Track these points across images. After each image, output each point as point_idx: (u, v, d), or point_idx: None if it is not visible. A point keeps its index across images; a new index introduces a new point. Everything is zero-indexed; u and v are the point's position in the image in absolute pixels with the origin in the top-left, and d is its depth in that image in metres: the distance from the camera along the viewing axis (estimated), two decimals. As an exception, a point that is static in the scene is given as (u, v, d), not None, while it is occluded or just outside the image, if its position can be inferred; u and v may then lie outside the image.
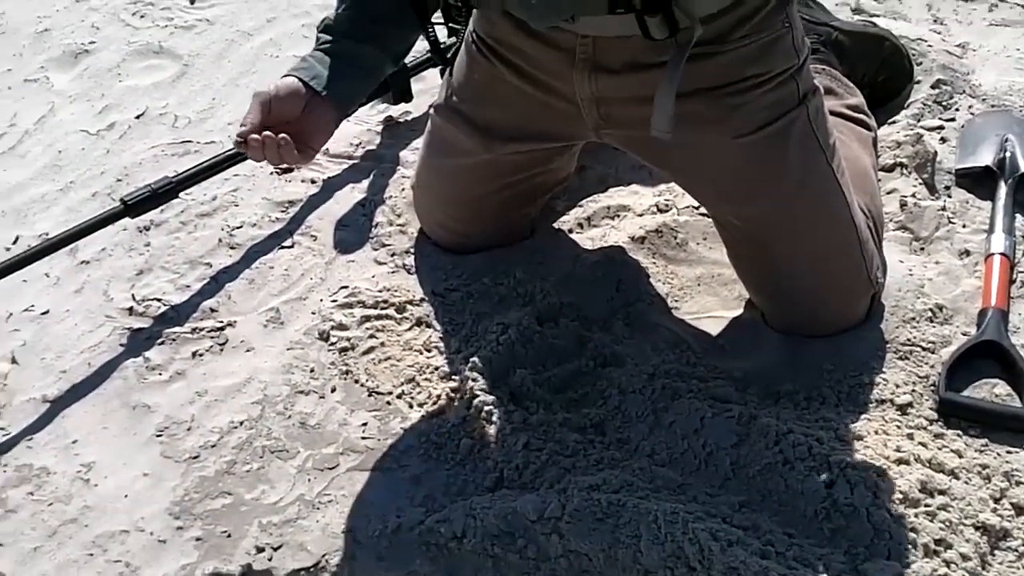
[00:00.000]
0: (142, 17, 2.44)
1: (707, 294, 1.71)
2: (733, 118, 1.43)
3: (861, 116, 1.75)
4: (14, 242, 1.94)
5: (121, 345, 1.74)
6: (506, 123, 1.59)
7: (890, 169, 1.85)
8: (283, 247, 1.87)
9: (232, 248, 1.87)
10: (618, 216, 1.83)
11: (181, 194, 1.83)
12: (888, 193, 1.80)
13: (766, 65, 1.40)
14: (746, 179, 1.48)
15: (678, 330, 1.66)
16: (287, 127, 1.31)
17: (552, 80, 1.48)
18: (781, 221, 1.51)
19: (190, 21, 2.40)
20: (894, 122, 1.94)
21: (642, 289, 1.71)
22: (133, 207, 1.74)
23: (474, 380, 1.58)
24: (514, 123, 1.58)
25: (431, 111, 1.71)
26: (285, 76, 1.36)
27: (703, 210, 1.77)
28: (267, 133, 1.29)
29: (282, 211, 1.93)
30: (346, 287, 1.78)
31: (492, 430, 1.53)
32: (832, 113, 1.61)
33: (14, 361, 1.73)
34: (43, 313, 1.81)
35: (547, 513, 1.38)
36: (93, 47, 2.38)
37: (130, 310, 1.79)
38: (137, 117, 2.18)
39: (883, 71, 1.92)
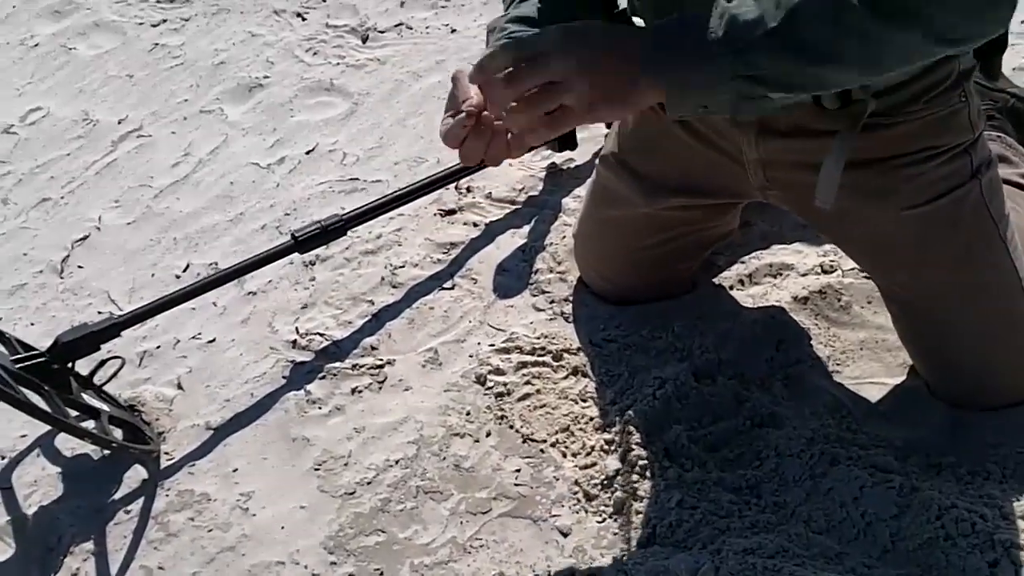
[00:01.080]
0: (315, 54, 2.52)
1: (870, 359, 1.67)
2: (903, 190, 1.40)
3: (1033, 182, 1.69)
4: (185, 270, 2.03)
5: (283, 377, 1.79)
6: (671, 177, 1.59)
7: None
8: (443, 288, 1.90)
9: (394, 287, 1.91)
10: (780, 275, 1.81)
11: (347, 231, 1.87)
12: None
13: (940, 139, 1.37)
14: (913, 252, 1.45)
15: (838, 394, 1.62)
16: None
17: (719, 139, 1.48)
18: (948, 293, 1.46)
19: (361, 60, 2.47)
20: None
21: (803, 351, 1.68)
22: (302, 243, 1.80)
23: (629, 433, 1.58)
24: (679, 177, 1.58)
25: (597, 161, 1.72)
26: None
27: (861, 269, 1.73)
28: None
29: (444, 252, 1.97)
30: (504, 331, 1.80)
31: (646, 485, 1.52)
32: (1005, 182, 1.56)
33: (180, 387, 1.81)
34: (210, 342, 1.88)
35: (700, 573, 1.36)
36: (267, 82, 2.47)
37: (293, 343, 1.84)
38: (307, 153, 2.25)
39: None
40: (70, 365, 1.65)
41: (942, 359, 1.54)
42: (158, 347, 1.88)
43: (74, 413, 1.64)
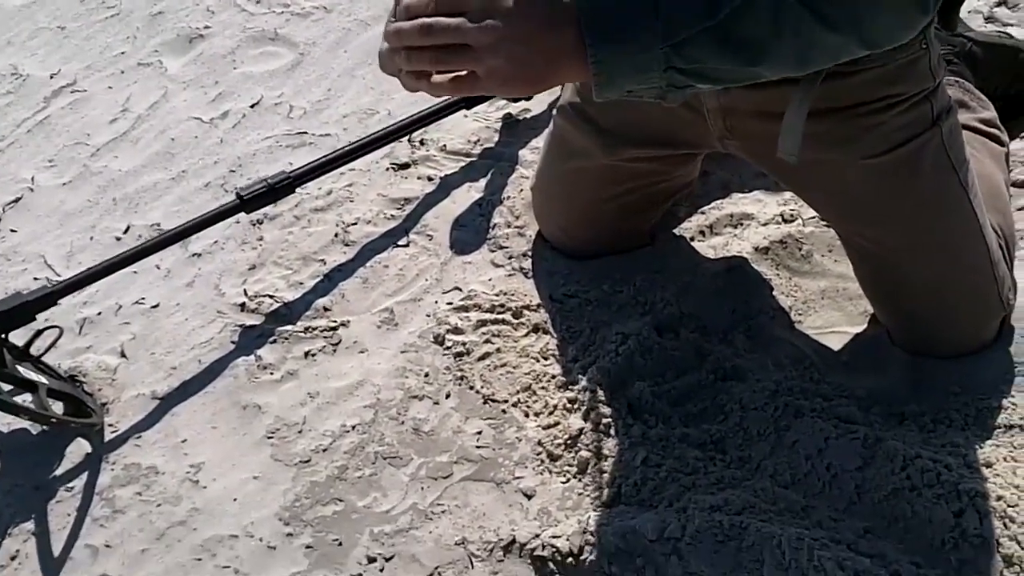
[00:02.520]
0: (258, 2, 2.43)
1: (831, 308, 1.65)
2: (863, 139, 1.36)
3: (994, 130, 1.66)
4: (125, 231, 1.95)
5: (232, 342, 1.73)
6: (631, 128, 1.54)
7: (1022, 185, 1.75)
8: (398, 245, 1.84)
9: (346, 245, 1.85)
10: (741, 225, 1.77)
11: (296, 189, 1.80)
12: (1020, 210, 1.71)
13: (901, 87, 1.33)
14: (874, 200, 1.41)
15: (801, 345, 1.59)
16: None
17: None
18: (910, 242, 1.43)
19: (307, 8, 2.39)
20: (1030, 134, 1.85)
21: (764, 301, 1.65)
22: (249, 202, 1.73)
23: (592, 391, 1.54)
24: (639, 128, 1.53)
25: (553, 112, 1.66)
26: None
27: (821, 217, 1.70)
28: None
29: (398, 208, 1.90)
30: (461, 289, 1.75)
31: (610, 444, 1.49)
32: (964, 127, 1.53)
33: (123, 355, 1.74)
34: (153, 306, 1.81)
35: (667, 533, 1.34)
36: (208, 32, 2.38)
37: (242, 306, 1.78)
38: (252, 106, 2.17)
39: (1017, 83, 1.82)
40: (3, 337, 1.58)
41: (903, 308, 1.51)
42: (99, 313, 1.81)
43: (8, 388, 1.57)
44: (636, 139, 1.53)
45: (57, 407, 1.61)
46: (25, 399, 1.56)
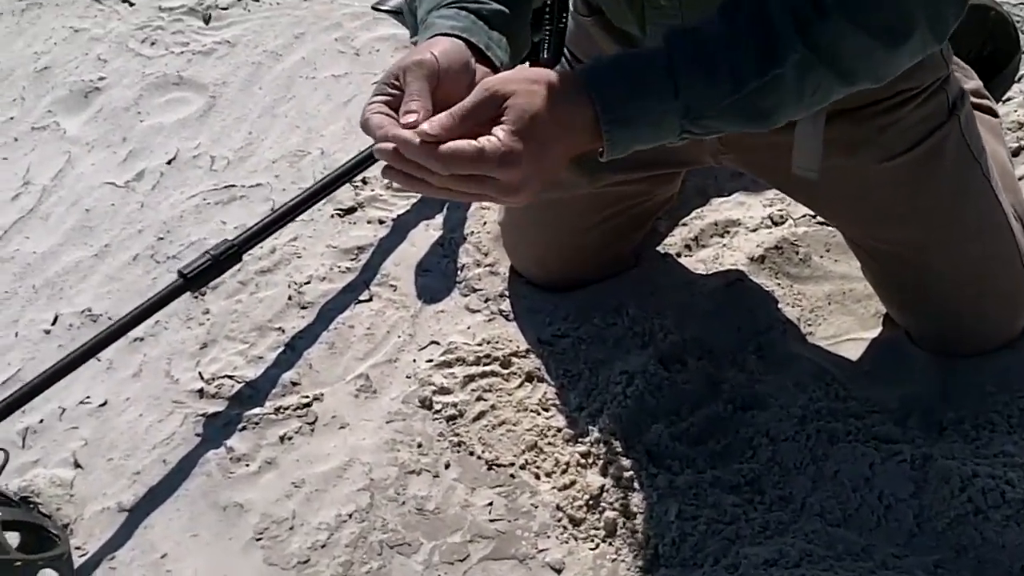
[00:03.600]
0: (153, 44, 2.22)
1: (841, 313, 1.55)
2: (880, 140, 1.26)
3: (985, 101, 1.57)
4: (54, 322, 1.75)
5: (197, 435, 1.56)
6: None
7: (1016, 153, 1.68)
8: (360, 301, 1.69)
9: (303, 308, 1.69)
10: (728, 233, 1.66)
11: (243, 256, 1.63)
12: (1020, 179, 1.63)
13: (916, 79, 1.23)
14: (896, 203, 1.32)
15: (818, 359, 1.49)
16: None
17: None
18: (935, 240, 1.34)
19: (208, 44, 2.19)
20: (1009, 99, 1.77)
21: (770, 315, 1.55)
22: (194, 279, 1.55)
23: (605, 441, 1.43)
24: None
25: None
26: (437, 36, 0.99)
27: (820, 218, 1.60)
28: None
29: (352, 259, 1.75)
30: (440, 343, 1.61)
31: (636, 499, 1.37)
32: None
33: (77, 465, 1.56)
34: (101, 405, 1.63)
35: (723, 598, 1.23)
36: (104, 83, 2.17)
37: (200, 392, 1.61)
38: (168, 162, 1.98)
39: (989, 43, 1.74)
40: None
41: (928, 306, 1.42)
42: (40, 421, 1.62)
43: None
44: (622, 165, 1.40)
45: (13, 539, 1.43)
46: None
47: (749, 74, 0.91)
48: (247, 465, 1.52)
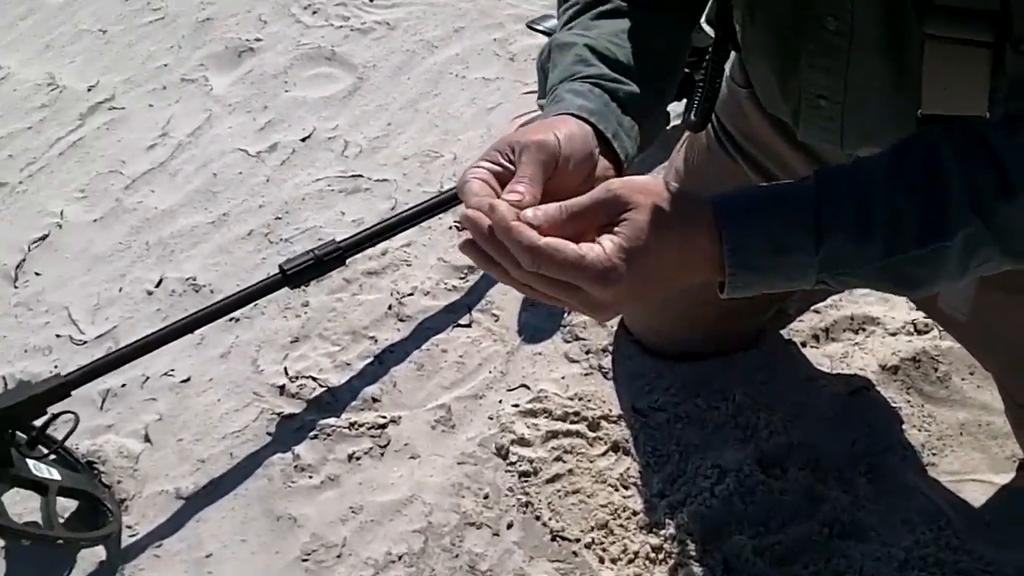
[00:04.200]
0: (315, 13, 2.18)
1: (972, 448, 1.39)
2: None
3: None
4: (158, 284, 1.73)
5: (268, 434, 1.51)
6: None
7: None
8: (459, 325, 1.61)
9: (401, 320, 1.62)
10: (863, 330, 1.51)
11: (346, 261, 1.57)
12: None
13: None
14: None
15: (934, 497, 1.34)
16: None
17: None
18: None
19: (368, 23, 2.13)
20: None
21: (892, 436, 1.39)
22: (293, 277, 1.50)
23: (681, 541, 1.31)
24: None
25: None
26: (565, 114, 0.87)
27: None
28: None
29: (460, 278, 1.67)
30: (530, 388, 1.51)
31: (701, 611, 1.25)
32: None
33: (147, 439, 1.53)
34: (184, 381, 1.60)
35: None
36: (259, 45, 2.13)
37: (281, 388, 1.56)
38: (303, 139, 1.93)
39: None
40: (10, 432, 1.37)
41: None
42: (123, 385, 1.60)
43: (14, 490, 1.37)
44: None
45: (70, 505, 1.41)
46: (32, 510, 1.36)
47: (908, 242, 0.77)
48: (310, 477, 1.46)
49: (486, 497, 1.40)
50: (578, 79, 0.90)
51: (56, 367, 1.60)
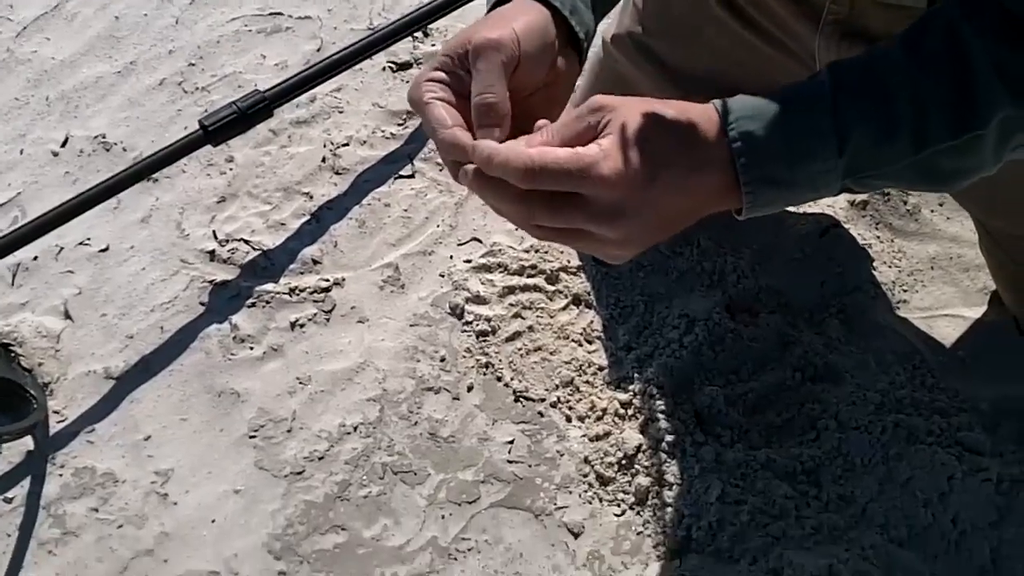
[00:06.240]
0: None
1: (943, 282, 1.34)
2: None
3: None
4: (63, 144, 1.58)
5: (201, 303, 1.40)
6: (708, 70, 1.17)
7: None
8: (401, 176, 1.49)
9: (337, 173, 1.50)
10: (830, 165, 1.43)
11: (274, 111, 1.43)
12: None
13: None
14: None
15: (907, 334, 1.29)
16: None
17: (786, 38, 1.07)
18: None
19: None
20: None
21: (862, 273, 1.34)
22: (215, 133, 1.36)
23: (650, 395, 1.25)
24: (719, 72, 1.16)
25: (604, 38, 1.27)
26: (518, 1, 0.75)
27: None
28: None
29: (398, 124, 1.54)
30: (482, 241, 1.42)
31: (674, 468, 1.21)
32: None
33: (68, 316, 1.41)
34: (102, 250, 1.47)
35: (757, 611, 1.08)
36: None
37: (211, 254, 1.44)
38: (211, -26, 1.75)
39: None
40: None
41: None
42: (35, 258, 1.47)
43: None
44: (717, 86, 1.17)
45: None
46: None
47: (939, 134, 0.67)
48: (251, 348, 1.36)
49: (443, 360, 1.33)
50: None
51: (-41, 241, 1.46)
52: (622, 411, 1.26)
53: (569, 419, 1.27)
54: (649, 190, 0.65)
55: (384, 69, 1.59)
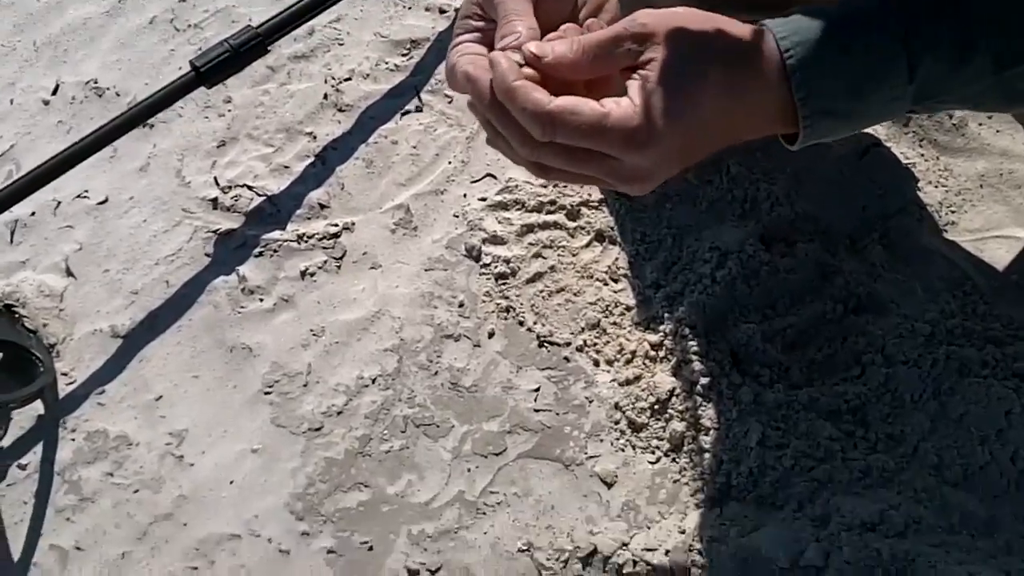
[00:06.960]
0: None
1: (993, 200, 1.25)
2: None
3: None
4: (54, 92, 1.50)
5: (206, 255, 1.34)
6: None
7: None
8: (408, 112, 1.41)
9: (340, 110, 1.42)
10: (867, 78, 1.34)
11: (269, 48, 1.35)
12: None
13: None
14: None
15: (956, 259, 1.21)
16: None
17: None
18: None
19: None
20: None
21: (906, 195, 1.25)
22: (208, 75, 1.28)
23: (682, 335, 1.18)
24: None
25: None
26: None
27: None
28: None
29: (403, 55, 1.45)
30: (496, 177, 1.34)
31: (710, 411, 1.14)
32: None
33: (70, 273, 1.35)
34: (101, 202, 1.40)
35: (804, 561, 1.02)
36: None
37: (214, 201, 1.37)
38: (199, -99, 1.65)
39: None
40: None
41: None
42: (32, 214, 1.40)
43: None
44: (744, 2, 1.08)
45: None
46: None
47: (1020, 53, 0.59)
48: (261, 300, 1.30)
49: (461, 305, 1.26)
50: None
51: (-50, 200, 1.40)
52: (653, 353, 1.19)
53: (597, 363, 1.20)
54: (685, 149, 0.58)
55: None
